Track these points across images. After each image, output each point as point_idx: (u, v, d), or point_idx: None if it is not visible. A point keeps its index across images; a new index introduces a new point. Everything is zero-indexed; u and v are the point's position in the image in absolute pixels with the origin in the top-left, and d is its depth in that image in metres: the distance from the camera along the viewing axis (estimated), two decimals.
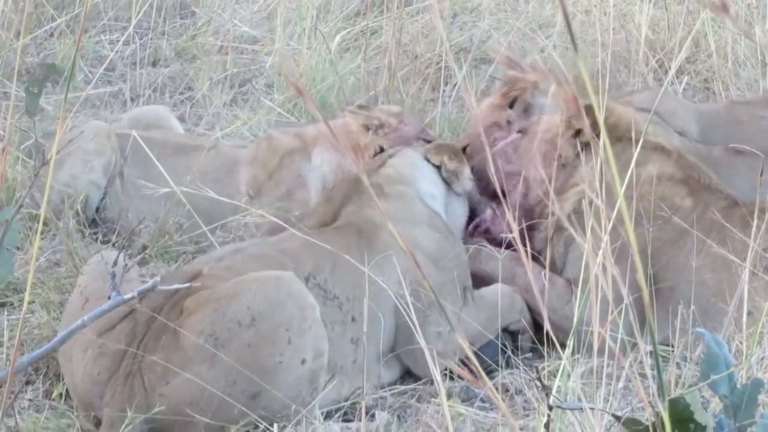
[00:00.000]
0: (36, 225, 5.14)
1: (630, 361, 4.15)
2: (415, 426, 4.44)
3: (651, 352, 2.63)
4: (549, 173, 5.00)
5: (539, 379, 3.15)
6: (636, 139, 4.60)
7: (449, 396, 4.60)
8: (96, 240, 5.59)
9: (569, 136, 5.12)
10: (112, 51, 7.33)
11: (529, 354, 4.99)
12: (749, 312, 4.37)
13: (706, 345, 2.73)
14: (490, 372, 4.79)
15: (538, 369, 4.15)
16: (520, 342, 4.98)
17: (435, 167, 5.18)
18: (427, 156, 5.20)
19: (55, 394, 4.48)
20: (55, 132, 4.02)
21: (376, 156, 5.42)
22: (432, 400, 4.63)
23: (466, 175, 5.23)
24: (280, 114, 6.79)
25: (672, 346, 4.79)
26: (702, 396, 2.85)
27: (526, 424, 4.38)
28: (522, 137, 5.33)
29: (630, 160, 4.15)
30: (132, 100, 7.06)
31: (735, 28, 7.02)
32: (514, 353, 4.85)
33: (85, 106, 6.86)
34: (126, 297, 3.75)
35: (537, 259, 5.13)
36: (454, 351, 4.73)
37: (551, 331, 3.43)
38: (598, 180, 3.60)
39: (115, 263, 3.92)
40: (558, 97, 5.24)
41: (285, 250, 4.64)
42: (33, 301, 4.99)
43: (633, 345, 4.61)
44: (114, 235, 5.60)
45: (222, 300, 4.27)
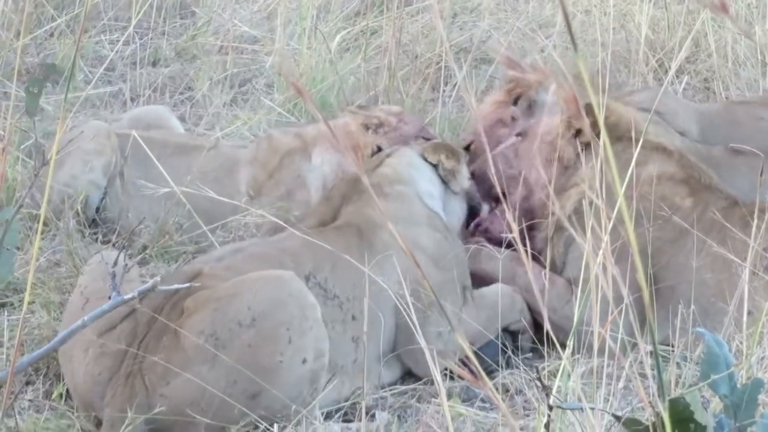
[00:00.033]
0: (36, 225, 5.14)
1: (630, 361, 4.15)
2: (416, 426, 4.44)
3: (651, 352, 2.63)
4: (550, 175, 4.99)
5: (539, 379, 3.15)
6: (636, 139, 4.60)
7: (449, 396, 4.59)
8: (96, 240, 5.58)
9: (569, 137, 5.12)
10: (112, 51, 7.33)
11: (530, 354, 4.99)
12: (749, 312, 4.37)
13: (706, 345, 2.73)
14: (490, 372, 4.79)
15: (538, 369, 4.15)
16: (520, 342, 4.98)
17: (432, 166, 5.18)
18: (424, 155, 5.19)
19: (55, 394, 4.47)
20: (55, 132, 4.02)
21: (373, 155, 5.42)
22: (432, 400, 4.63)
23: (463, 174, 5.22)
24: (280, 114, 6.79)
25: (672, 345, 4.79)
26: (702, 396, 2.85)
27: (526, 424, 4.38)
28: (522, 140, 5.33)
29: (630, 159, 4.15)
30: (132, 100, 7.06)
31: (735, 27, 7.02)
32: (514, 353, 4.85)
33: (85, 106, 6.86)
34: (126, 297, 3.75)
35: (537, 259, 5.13)
36: (454, 351, 4.73)
37: (551, 331, 3.43)
38: (598, 180, 3.60)
39: (115, 263, 3.92)
40: (558, 97, 5.24)
41: (285, 249, 4.64)
42: (33, 302, 4.99)
43: (633, 345, 4.61)
44: (114, 235, 5.60)
45: (222, 300, 4.26)
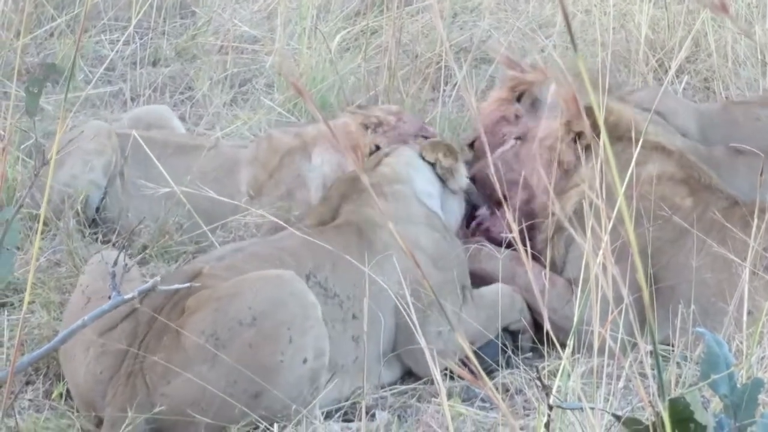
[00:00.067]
0: (36, 225, 5.13)
1: (630, 361, 4.14)
2: (416, 426, 4.44)
3: (651, 351, 2.63)
4: (551, 178, 4.99)
5: (539, 379, 3.15)
6: (636, 139, 4.60)
7: (450, 396, 4.59)
8: (96, 240, 5.58)
9: (569, 140, 5.11)
10: (112, 51, 7.33)
11: (530, 354, 4.99)
12: (749, 311, 4.37)
13: (706, 344, 2.73)
14: (490, 372, 4.79)
15: (538, 369, 4.15)
16: (520, 342, 4.98)
17: (430, 165, 5.17)
18: (422, 153, 5.18)
19: (56, 394, 4.47)
20: (56, 132, 4.01)
21: (371, 154, 5.41)
22: (432, 399, 4.63)
23: (461, 172, 5.21)
24: (280, 114, 6.79)
25: (672, 345, 4.79)
26: (702, 395, 2.86)
27: (526, 423, 4.38)
28: (522, 143, 5.33)
29: (630, 159, 4.14)
30: (132, 99, 7.06)
31: (735, 27, 7.02)
32: (514, 353, 4.85)
33: (85, 105, 6.86)
34: (126, 297, 3.75)
35: (537, 259, 5.13)
36: (454, 351, 4.73)
37: (551, 331, 3.43)
38: (598, 180, 3.60)
39: (115, 263, 3.92)
40: (558, 97, 5.24)
41: (285, 248, 4.64)
42: (33, 301, 4.99)
43: (633, 345, 4.61)
44: (114, 235, 5.60)
45: (223, 299, 4.26)
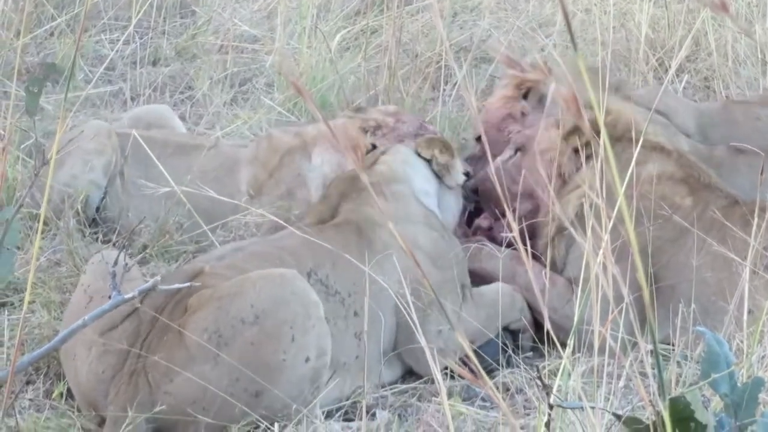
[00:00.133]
0: (36, 225, 5.14)
1: (630, 360, 4.15)
2: (416, 425, 4.44)
3: (651, 350, 2.63)
4: (553, 189, 5.00)
5: (540, 378, 3.15)
6: (636, 139, 4.60)
7: (450, 395, 4.59)
8: (96, 240, 5.58)
9: (570, 153, 5.11)
10: (112, 50, 7.33)
11: (530, 353, 4.99)
12: (750, 310, 4.37)
13: (706, 344, 2.73)
14: (490, 371, 4.79)
15: (538, 368, 4.16)
16: (520, 341, 4.98)
17: (426, 161, 5.17)
18: (418, 150, 5.18)
19: (56, 393, 4.47)
20: (56, 131, 4.01)
21: (368, 153, 5.40)
22: (433, 399, 4.63)
23: (457, 169, 5.21)
24: (280, 113, 6.79)
25: (672, 344, 4.79)
26: (703, 395, 2.86)
27: (526, 423, 4.38)
28: (522, 155, 5.32)
29: (629, 159, 4.14)
30: (132, 99, 7.06)
31: (735, 26, 7.02)
32: (514, 352, 4.85)
33: (86, 105, 6.86)
34: (127, 296, 3.75)
35: (538, 259, 5.12)
36: (454, 350, 4.73)
37: (552, 330, 3.43)
38: (598, 180, 3.60)
39: (116, 263, 3.92)
40: (558, 96, 5.23)
41: (285, 247, 4.64)
42: (33, 301, 4.99)
43: (633, 344, 4.61)
44: (114, 235, 5.59)
45: (226, 298, 4.26)
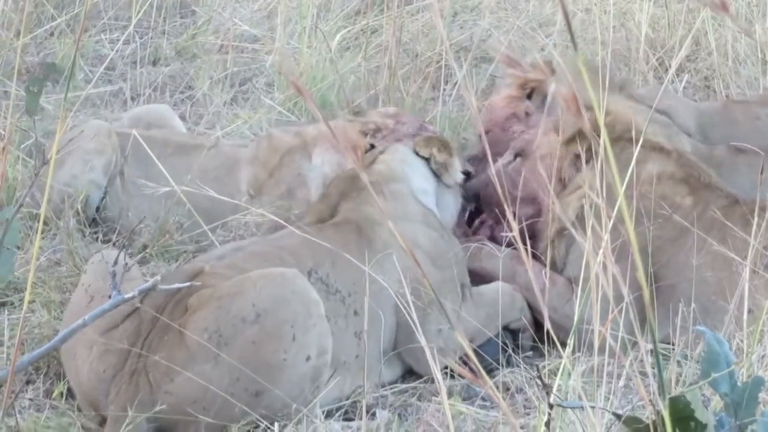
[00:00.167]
0: (36, 224, 5.14)
1: (630, 360, 4.15)
2: (416, 425, 4.44)
3: (651, 350, 2.63)
4: (554, 193, 5.01)
5: (540, 378, 3.15)
6: (635, 139, 4.60)
7: (450, 395, 4.60)
8: (96, 239, 5.58)
9: (570, 159, 5.11)
10: (112, 50, 7.33)
11: (530, 352, 4.99)
12: (750, 310, 4.37)
13: (706, 343, 2.73)
14: (490, 371, 4.79)
15: (538, 367, 4.16)
16: (520, 340, 4.98)
17: (425, 160, 5.17)
18: (416, 149, 5.18)
19: (56, 393, 4.47)
20: (56, 131, 4.01)
21: (366, 153, 5.40)
22: (433, 398, 4.63)
23: (455, 167, 5.21)
24: (280, 113, 6.79)
25: (672, 344, 4.79)
26: (703, 394, 2.85)
27: (526, 422, 4.38)
28: (523, 160, 5.32)
29: (628, 159, 4.14)
30: (132, 99, 7.06)
31: (735, 26, 7.02)
32: (514, 352, 4.85)
33: (86, 105, 6.86)
34: (127, 296, 3.75)
35: (538, 258, 5.12)
36: (454, 349, 4.73)
37: (552, 330, 3.43)
38: (598, 180, 3.60)
39: (116, 262, 3.92)
40: (558, 96, 5.23)
41: (285, 247, 4.64)
42: (33, 301, 4.99)
43: (633, 343, 4.61)
44: (114, 235, 5.59)
45: (226, 297, 4.27)
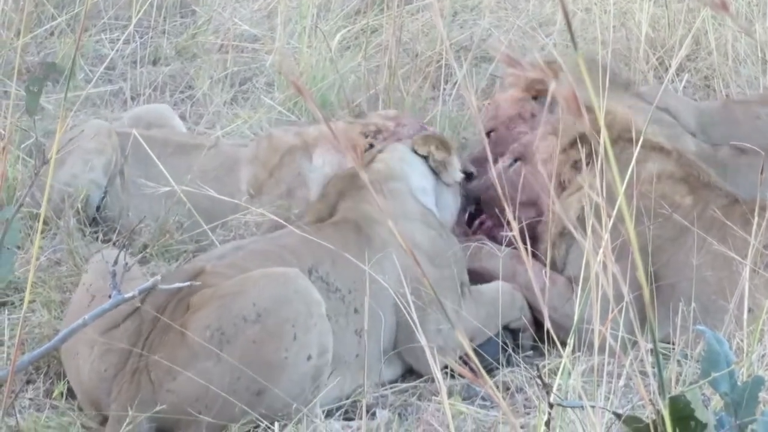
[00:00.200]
0: (36, 224, 5.13)
1: (631, 359, 4.15)
2: (416, 424, 4.44)
3: (651, 349, 2.63)
4: (555, 196, 5.02)
5: (540, 377, 3.15)
6: (634, 138, 4.60)
7: (450, 394, 4.60)
8: (97, 239, 5.58)
9: (571, 164, 5.12)
10: (112, 50, 7.33)
11: (530, 352, 4.99)
12: (750, 309, 4.37)
13: (706, 342, 2.73)
14: (490, 370, 4.79)
15: (538, 367, 4.16)
16: (520, 340, 4.98)
17: (423, 158, 5.17)
18: (414, 147, 5.18)
19: (56, 393, 4.47)
20: (56, 131, 4.01)
21: (366, 152, 5.40)
22: (433, 398, 4.63)
23: (454, 165, 5.20)
24: (280, 112, 6.79)
25: (673, 343, 4.79)
26: (703, 393, 2.86)
27: (527, 422, 4.38)
28: (523, 164, 5.32)
29: (628, 160, 4.14)
30: (132, 98, 7.06)
31: (735, 25, 7.02)
32: (514, 351, 4.85)
33: (86, 104, 6.86)
34: (127, 296, 3.75)
35: (538, 258, 5.12)
36: (454, 348, 4.73)
37: (552, 329, 3.43)
38: (599, 180, 3.60)
39: (116, 262, 3.92)
40: (557, 95, 5.23)
41: (285, 246, 4.64)
42: (34, 300, 4.99)
43: (633, 343, 4.61)
44: (115, 234, 5.59)
45: (228, 296, 4.27)
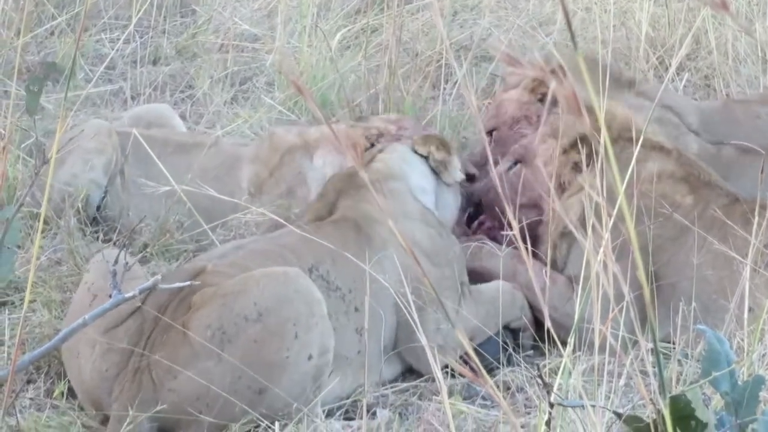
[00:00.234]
0: (37, 224, 5.13)
1: (631, 359, 4.15)
2: (417, 424, 4.44)
3: (652, 349, 2.63)
4: (555, 199, 5.02)
5: (540, 377, 3.15)
6: (635, 138, 4.60)
7: (450, 394, 4.60)
8: (97, 239, 5.58)
9: (571, 166, 5.12)
10: (112, 49, 7.33)
11: (531, 352, 4.99)
12: (750, 309, 4.37)
13: (707, 342, 2.73)
14: (491, 370, 4.79)
15: (539, 366, 4.15)
16: (521, 339, 4.98)
17: (424, 158, 5.17)
18: (414, 147, 5.18)
19: (57, 392, 4.47)
20: (56, 131, 4.01)
21: (366, 151, 5.40)
22: (433, 397, 4.63)
23: (454, 165, 5.21)
24: (280, 112, 6.79)
25: (673, 343, 4.79)
26: (703, 393, 2.85)
27: (527, 421, 4.38)
28: (523, 167, 5.32)
29: (628, 159, 4.14)
30: (132, 98, 7.06)
31: (735, 25, 7.02)
32: (515, 351, 4.85)
33: (86, 104, 6.86)
34: (127, 295, 3.75)
35: (538, 257, 5.12)
36: (453, 347, 4.73)
37: (552, 329, 3.43)
38: (599, 180, 3.61)
39: (116, 262, 3.92)
40: (557, 94, 5.24)
41: (285, 245, 4.65)
42: (34, 300, 4.99)
43: (634, 342, 4.61)
44: (115, 234, 5.59)
45: (229, 295, 4.27)
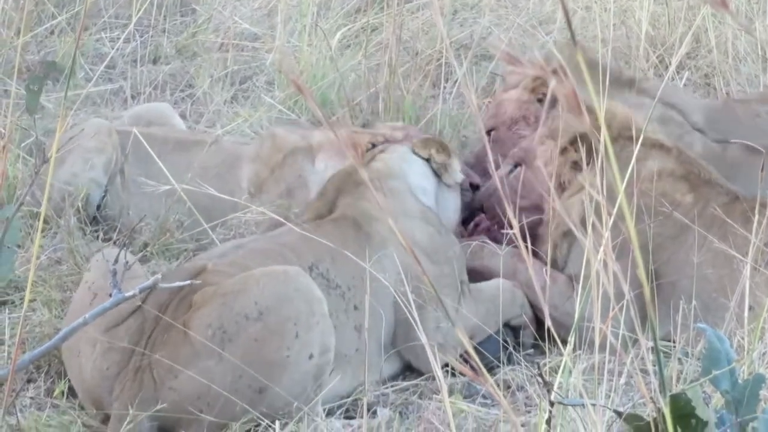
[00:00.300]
0: (37, 223, 5.13)
1: (631, 357, 4.15)
2: (417, 422, 4.44)
3: (652, 347, 2.63)
4: (556, 198, 5.02)
5: (541, 376, 3.15)
6: (635, 137, 4.60)
7: (451, 392, 4.60)
8: (97, 238, 5.58)
9: (570, 165, 5.12)
10: (112, 48, 7.33)
11: (531, 350, 4.99)
12: (751, 307, 4.37)
13: (707, 340, 2.73)
14: (491, 368, 4.80)
15: (539, 365, 4.15)
16: (521, 338, 4.98)
17: (425, 160, 5.18)
18: (414, 150, 5.19)
19: (57, 392, 4.47)
20: (56, 130, 4.01)
21: (367, 151, 5.41)
22: (434, 396, 4.63)
23: (455, 167, 5.22)
24: (280, 111, 6.78)
25: (673, 341, 4.79)
26: (704, 391, 2.86)
27: (527, 420, 4.38)
28: (523, 169, 5.32)
29: (628, 158, 4.14)
30: (132, 97, 7.06)
31: (735, 23, 7.02)
32: (515, 349, 4.85)
33: (86, 103, 6.86)
34: (127, 295, 3.75)
35: (538, 256, 5.12)
36: (453, 345, 4.74)
37: (552, 328, 3.43)
38: (599, 179, 3.61)
39: (116, 261, 3.92)
40: (557, 93, 5.24)
41: (285, 244, 4.65)
42: (34, 299, 4.99)
43: (634, 341, 4.61)
44: (115, 233, 5.59)
45: (230, 294, 4.28)
